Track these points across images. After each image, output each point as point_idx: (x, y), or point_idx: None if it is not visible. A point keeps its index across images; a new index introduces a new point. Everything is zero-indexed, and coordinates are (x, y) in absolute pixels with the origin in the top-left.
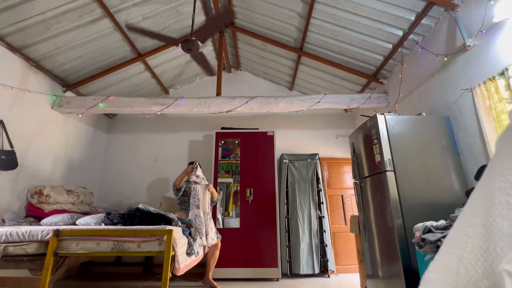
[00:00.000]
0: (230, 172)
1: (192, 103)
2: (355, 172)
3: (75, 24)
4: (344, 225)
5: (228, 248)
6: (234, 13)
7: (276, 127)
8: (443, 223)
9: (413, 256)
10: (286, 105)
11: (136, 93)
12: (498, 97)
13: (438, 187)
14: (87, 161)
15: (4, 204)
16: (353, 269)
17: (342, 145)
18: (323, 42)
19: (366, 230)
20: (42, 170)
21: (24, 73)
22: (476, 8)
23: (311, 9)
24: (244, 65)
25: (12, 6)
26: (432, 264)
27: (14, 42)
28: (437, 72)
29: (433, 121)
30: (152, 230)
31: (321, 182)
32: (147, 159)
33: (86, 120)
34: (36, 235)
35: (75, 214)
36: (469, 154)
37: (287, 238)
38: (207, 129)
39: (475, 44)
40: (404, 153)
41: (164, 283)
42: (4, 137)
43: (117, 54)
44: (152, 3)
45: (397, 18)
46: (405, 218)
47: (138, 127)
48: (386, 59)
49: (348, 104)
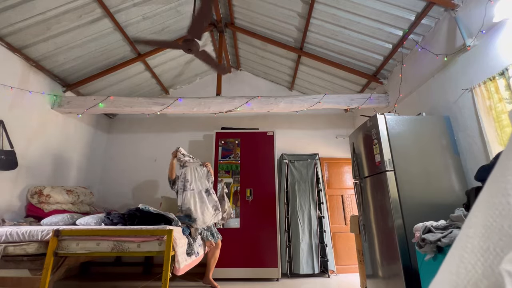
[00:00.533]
0: (230, 172)
1: (192, 103)
2: (355, 172)
3: (75, 24)
4: (344, 225)
5: (228, 248)
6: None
7: (276, 127)
8: (443, 223)
9: (413, 256)
10: (286, 105)
11: (136, 93)
12: (498, 97)
13: (438, 187)
14: (87, 161)
15: (4, 204)
16: (353, 269)
17: (342, 145)
18: (323, 42)
19: (366, 230)
20: (42, 170)
21: (24, 73)
22: (476, 8)
23: (311, 9)
24: (244, 65)
25: (12, 6)
26: (441, 266)
27: (14, 42)
28: (437, 72)
29: (433, 121)
30: (152, 230)
31: (321, 182)
32: (147, 159)
33: (86, 120)
34: (36, 235)
35: (75, 214)
36: (469, 154)
37: (287, 238)
38: (207, 129)
39: (475, 44)
40: (404, 153)
41: (164, 283)
42: (4, 137)
43: (117, 54)
44: (152, 3)
45: (397, 18)
46: (405, 218)
47: (138, 127)
48: (386, 59)
49: (348, 104)
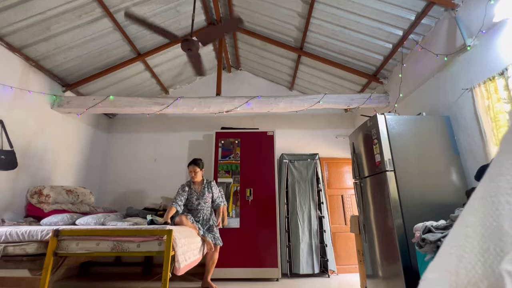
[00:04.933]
0: (230, 172)
1: (192, 103)
2: (355, 172)
3: (74, 24)
4: (344, 225)
5: (228, 248)
6: (242, 21)
7: (276, 127)
8: (443, 223)
9: (413, 256)
10: (286, 105)
11: (136, 93)
12: (497, 97)
13: (438, 187)
14: (87, 161)
15: (4, 204)
16: (353, 269)
17: (342, 145)
18: (323, 42)
19: (366, 230)
20: (42, 170)
21: (24, 73)
22: (476, 8)
23: (311, 8)
24: (244, 65)
25: (12, 5)
26: (432, 265)
27: (14, 42)
28: (437, 72)
29: (433, 121)
30: (152, 230)
31: (321, 182)
32: (147, 159)
33: (86, 120)
34: (35, 235)
35: (75, 214)
36: (469, 154)
37: (287, 238)
38: (207, 129)
39: (475, 44)
40: (404, 153)
41: (164, 283)
42: (4, 137)
43: (117, 54)
44: (152, 3)
45: (397, 17)
46: (405, 218)
47: (137, 127)
48: (386, 59)
49: (348, 104)
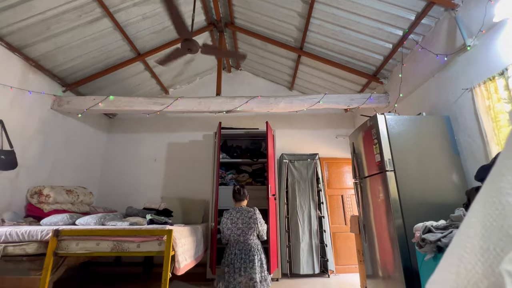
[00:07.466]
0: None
1: (192, 102)
2: (355, 172)
3: (74, 24)
4: (344, 225)
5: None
6: (245, 57)
7: (276, 127)
8: (443, 223)
9: (413, 256)
10: (286, 105)
11: (136, 93)
12: (497, 97)
13: (438, 187)
14: (87, 161)
15: (4, 204)
16: (353, 269)
17: (342, 145)
18: (323, 42)
19: (366, 230)
20: (42, 170)
21: (24, 73)
22: (476, 8)
23: (311, 8)
24: (244, 65)
25: (11, 5)
26: (438, 266)
27: (13, 42)
28: (437, 72)
29: (433, 121)
30: (152, 230)
31: (321, 182)
32: (147, 159)
33: (86, 120)
34: (35, 235)
35: (75, 214)
36: (469, 154)
37: (287, 238)
38: (206, 129)
39: (475, 44)
40: (404, 153)
41: (164, 283)
42: (4, 137)
43: (117, 53)
44: (152, 3)
45: (397, 17)
46: (405, 218)
47: (137, 127)
48: (386, 59)
49: (348, 104)
